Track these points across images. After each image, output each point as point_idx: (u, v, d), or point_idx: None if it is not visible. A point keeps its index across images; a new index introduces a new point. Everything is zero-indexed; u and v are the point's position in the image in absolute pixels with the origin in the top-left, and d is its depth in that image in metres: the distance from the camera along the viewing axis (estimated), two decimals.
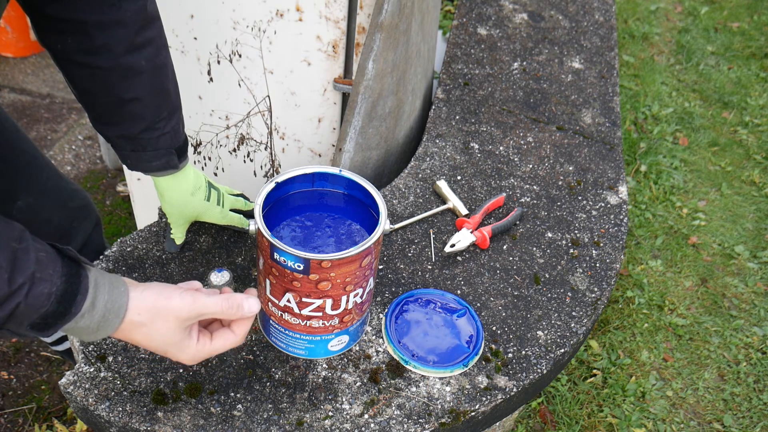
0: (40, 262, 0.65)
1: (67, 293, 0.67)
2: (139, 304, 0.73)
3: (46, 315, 0.66)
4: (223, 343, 0.81)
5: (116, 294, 0.72)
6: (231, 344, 0.81)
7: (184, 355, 0.79)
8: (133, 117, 0.92)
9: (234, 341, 0.82)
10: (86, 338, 0.73)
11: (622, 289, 2.13)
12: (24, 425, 1.62)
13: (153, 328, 0.74)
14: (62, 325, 0.68)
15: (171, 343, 0.77)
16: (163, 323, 0.75)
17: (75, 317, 0.68)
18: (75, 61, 0.87)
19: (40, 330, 0.67)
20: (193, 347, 0.79)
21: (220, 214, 1.07)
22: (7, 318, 0.64)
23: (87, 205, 1.35)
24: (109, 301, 0.71)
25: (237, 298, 0.78)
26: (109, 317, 0.71)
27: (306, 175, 0.95)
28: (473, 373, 1.01)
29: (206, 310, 0.77)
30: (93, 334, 0.71)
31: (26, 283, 0.63)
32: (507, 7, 1.93)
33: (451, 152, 1.41)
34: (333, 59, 1.32)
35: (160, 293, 0.75)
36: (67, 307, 0.67)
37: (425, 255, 1.18)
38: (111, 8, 0.83)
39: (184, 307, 0.75)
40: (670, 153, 2.72)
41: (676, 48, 3.43)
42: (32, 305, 0.64)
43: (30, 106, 2.59)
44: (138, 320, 0.73)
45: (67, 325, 0.68)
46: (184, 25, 1.36)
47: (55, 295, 0.65)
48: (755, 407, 1.86)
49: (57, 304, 0.66)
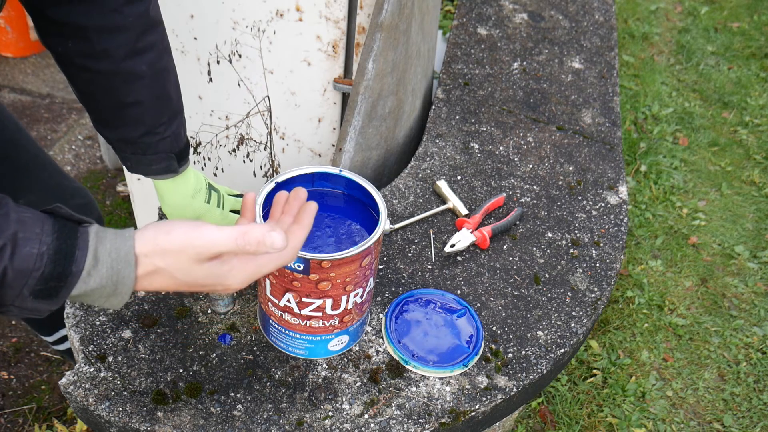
0: (23, 221, 0.59)
1: (62, 250, 0.60)
2: (142, 247, 0.63)
3: (44, 278, 0.59)
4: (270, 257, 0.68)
5: (120, 241, 0.63)
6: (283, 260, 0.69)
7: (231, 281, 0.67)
8: (133, 121, 0.92)
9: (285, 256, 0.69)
10: (111, 302, 0.65)
11: (622, 289, 2.13)
12: (24, 425, 1.62)
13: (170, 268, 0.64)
14: (69, 288, 0.61)
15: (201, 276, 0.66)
16: (176, 261, 0.64)
17: (80, 277, 0.61)
18: (76, 64, 0.87)
19: (45, 298, 0.61)
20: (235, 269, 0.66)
21: (220, 216, 1.07)
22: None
23: (89, 203, 1.36)
24: (113, 250, 0.62)
25: (255, 233, 0.63)
26: (119, 267, 0.62)
27: (306, 175, 0.95)
28: (473, 373, 1.01)
29: (217, 248, 0.64)
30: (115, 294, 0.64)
31: (7, 243, 0.57)
32: (507, 7, 1.93)
33: (451, 152, 1.41)
34: (333, 59, 1.32)
35: (159, 228, 0.65)
36: (66, 266, 0.60)
37: (425, 255, 1.18)
38: (113, 13, 0.82)
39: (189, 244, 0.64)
40: (670, 153, 2.72)
41: (676, 48, 3.43)
42: (21, 268, 0.58)
43: (30, 106, 2.59)
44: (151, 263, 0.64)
45: (77, 289, 0.61)
46: (184, 25, 1.36)
47: (47, 254, 0.59)
48: (755, 407, 1.86)
49: (52, 263, 0.59)
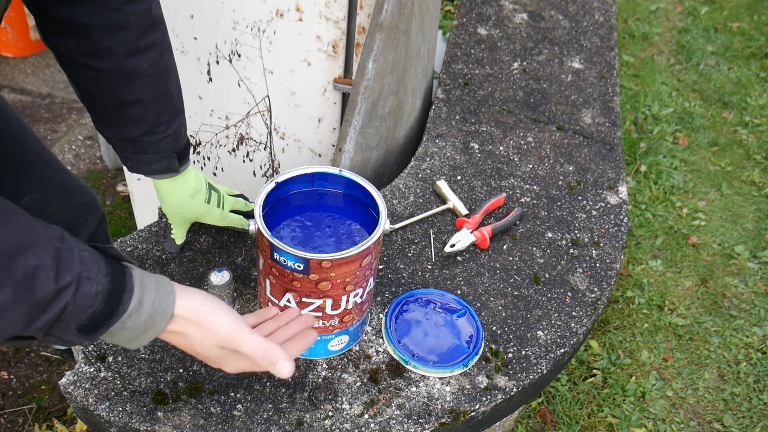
0: (84, 261, 0.63)
1: (114, 292, 0.65)
2: (184, 306, 0.71)
3: (94, 316, 0.64)
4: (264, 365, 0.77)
5: (163, 293, 0.69)
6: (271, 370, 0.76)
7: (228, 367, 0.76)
8: (134, 120, 0.92)
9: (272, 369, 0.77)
10: (133, 343, 0.70)
11: (622, 289, 2.13)
12: (24, 425, 1.62)
13: (195, 339, 0.72)
14: (110, 326, 0.66)
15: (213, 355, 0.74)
16: (203, 337, 0.72)
17: (122, 317, 0.66)
18: (78, 62, 0.87)
19: (87, 333, 0.65)
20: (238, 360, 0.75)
21: (220, 215, 1.07)
22: (55, 320, 0.62)
23: (92, 201, 1.36)
24: (156, 300, 0.68)
25: (275, 354, 0.72)
26: (156, 317, 0.69)
27: (306, 175, 0.95)
28: (473, 373, 1.01)
29: (242, 349, 0.72)
30: (140, 337, 0.69)
31: (73, 282, 0.61)
32: (507, 7, 1.93)
33: (451, 152, 1.41)
34: (333, 59, 1.32)
35: (205, 304, 0.72)
36: (115, 307, 0.65)
37: (425, 255, 1.18)
38: (115, 12, 0.82)
39: (222, 331, 0.72)
40: (670, 153, 2.72)
41: (676, 48, 3.43)
42: (80, 305, 0.62)
43: (30, 106, 2.59)
44: (183, 326, 0.71)
45: (114, 326, 0.66)
46: (184, 25, 1.36)
47: (101, 294, 0.64)
48: (755, 407, 1.86)
49: (104, 303, 0.64)
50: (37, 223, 0.63)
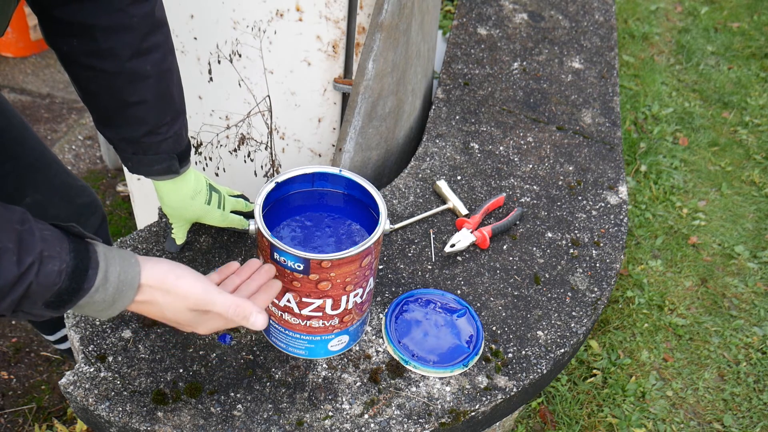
0: (46, 240, 0.65)
1: (78, 268, 0.67)
2: (150, 275, 0.73)
3: (60, 292, 0.66)
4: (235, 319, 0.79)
5: (127, 265, 0.71)
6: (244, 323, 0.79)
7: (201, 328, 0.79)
8: (136, 121, 0.92)
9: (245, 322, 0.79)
10: (103, 315, 0.72)
11: (622, 289, 2.13)
12: (24, 425, 1.62)
13: (165, 305, 0.74)
14: (77, 300, 0.68)
15: (185, 319, 0.76)
16: (173, 302, 0.74)
17: (89, 292, 0.68)
18: (80, 63, 0.87)
19: (55, 308, 0.67)
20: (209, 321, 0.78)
21: (220, 216, 1.07)
22: (20, 299, 0.64)
23: (93, 201, 1.36)
24: (122, 272, 0.70)
25: (246, 308, 0.76)
26: (123, 289, 0.71)
27: (306, 175, 0.95)
28: (473, 373, 1.01)
29: (213, 308, 0.75)
30: (109, 309, 0.71)
31: (35, 262, 0.63)
32: (507, 7, 1.93)
33: (451, 152, 1.42)
34: (333, 59, 1.32)
35: (171, 270, 0.74)
36: (80, 283, 0.67)
37: (425, 255, 1.18)
38: (118, 13, 0.82)
39: (192, 294, 0.74)
40: (670, 153, 2.72)
41: (676, 48, 3.43)
42: (44, 284, 0.64)
43: (30, 106, 2.59)
44: (151, 294, 0.73)
45: (82, 300, 0.68)
46: (184, 25, 1.36)
47: (65, 271, 0.66)
48: (755, 407, 1.86)
49: (69, 280, 0.66)
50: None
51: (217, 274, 0.85)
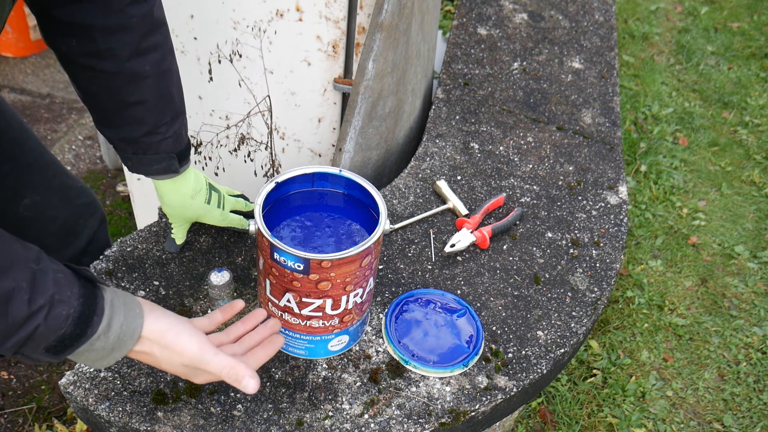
0: (59, 283, 0.64)
1: (84, 315, 0.66)
2: (151, 329, 0.73)
3: (63, 337, 0.65)
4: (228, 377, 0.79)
5: (131, 316, 0.71)
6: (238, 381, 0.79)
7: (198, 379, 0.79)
8: (135, 120, 0.92)
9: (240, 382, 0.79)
10: (99, 363, 0.71)
11: (622, 289, 2.13)
12: (24, 425, 1.62)
13: (161, 357, 0.75)
14: (77, 347, 0.67)
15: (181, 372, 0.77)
16: (169, 357, 0.75)
17: (90, 339, 0.67)
18: (79, 63, 0.87)
19: (55, 353, 0.66)
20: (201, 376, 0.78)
21: (220, 216, 1.07)
22: (25, 340, 0.63)
23: (92, 202, 1.36)
24: (125, 323, 0.70)
25: (239, 372, 0.75)
26: (124, 339, 0.70)
27: (306, 175, 0.95)
28: (473, 373, 1.01)
29: (207, 368, 0.75)
30: (107, 357, 0.71)
31: (46, 305, 0.63)
32: (507, 7, 1.93)
33: (451, 152, 1.41)
34: (333, 59, 1.32)
35: (171, 326, 0.75)
36: (84, 329, 0.66)
37: (425, 255, 1.18)
38: (117, 13, 0.82)
39: (188, 353, 0.74)
40: (670, 153, 2.72)
41: (676, 48, 3.43)
42: (51, 327, 0.64)
43: (30, 106, 2.59)
44: (149, 347, 0.73)
45: (82, 347, 0.68)
46: (184, 25, 1.36)
47: (72, 316, 0.65)
48: (755, 407, 1.86)
49: (74, 326, 0.65)
50: (16, 244, 0.64)
51: (220, 313, 0.84)
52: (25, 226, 1.20)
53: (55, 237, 1.27)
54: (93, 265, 1.08)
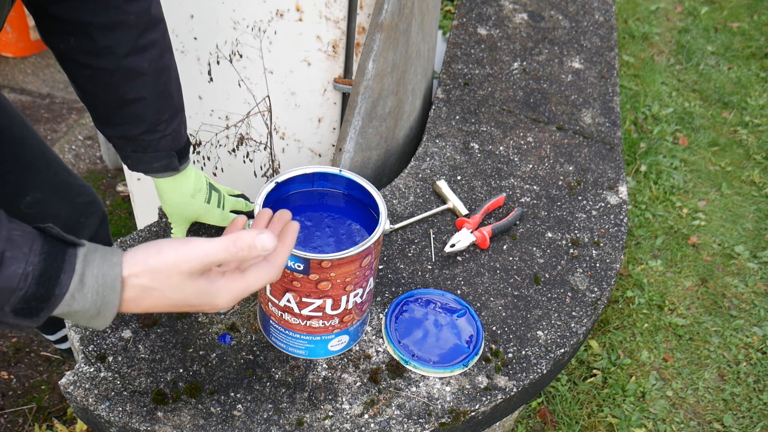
0: (12, 240, 0.59)
1: (47, 272, 0.60)
2: (132, 268, 0.64)
3: (27, 298, 0.60)
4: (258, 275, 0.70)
5: (107, 266, 0.63)
6: (269, 277, 0.70)
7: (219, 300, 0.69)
8: (134, 118, 0.92)
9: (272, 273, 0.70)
10: (96, 324, 0.65)
11: (622, 289, 2.13)
12: (24, 425, 1.62)
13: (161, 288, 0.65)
14: (50, 309, 0.61)
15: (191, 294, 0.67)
16: (167, 280, 0.65)
17: (63, 299, 0.61)
18: (77, 61, 0.87)
19: (26, 316, 0.61)
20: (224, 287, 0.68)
21: (220, 216, 1.07)
22: None
23: (94, 201, 1.36)
24: (100, 275, 0.62)
25: (245, 238, 0.65)
26: (105, 293, 0.63)
27: (306, 175, 0.95)
28: (473, 373, 1.01)
29: (210, 258, 0.65)
30: (98, 317, 0.64)
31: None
32: (507, 7, 1.93)
33: (451, 152, 1.41)
34: (333, 59, 1.32)
35: (148, 249, 0.66)
36: (50, 288, 0.60)
37: (425, 255, 1.18)
38: (115, 10, 0.82)
39: (181, 259, 0.65)
40: (670, 153, 2.72)
41: (676, 48, 3.43)
42: (5, 287, 0.58)
43: (30, 106, 2.59)
44: (140, 285, 0.65)
45: (60, 309, 0.62)
46: (184, 25, 1.36)
47: (32, 275, 0.59)
48: (755, 407, 1.86)
49: (36, 285, 0.59)
50: None
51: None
52: (26, 224, 1.20)
53: None
54: None
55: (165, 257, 0.65)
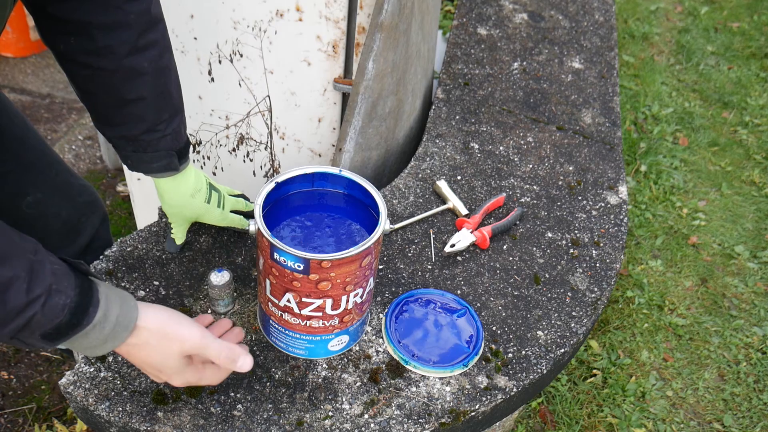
0: (56, 274, 0.67)
1: (81, 305, 0.69)
2: (149, 321, 0.76)
3: (60, 326, 0.68)
4: (212, 375, 0.84)
5: (127, 308, 0.74)
6: (218, 380, 0.85)
7: (178, 379, 0.81)
8: (134, 118, 0.92)
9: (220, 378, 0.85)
10: (91, 351, 0.74)
11: (622, 289, 2.13)
12: (24, 425, 1.62)
13: (157, 348, 0.77)
14: (73, 335, 0.70)
15: (169, 366, 0.79)
16: (167, 346, 0.77)
17: (86, 328, 0.70)
18: (78, 61, 0.87)
19: (50, 340, 0.69)
20: (188, 373, 0.81)
21: (220, 215, 1.07)
22: (22, 327, 0.66)
23: (95, 200, 1.36)
24: (121, 314, 0.73)
25: (236, 351, 0.80)
26: (118, 330, 0.73)
27: (306, 175, 0.95)
28: (473, 373, 1.01)
29: (207, 352, 0.79)
30: (99, 347, 0.73)
31: (43, 294, 0.65)
32: (507, 7, 1.93)
33: (451, 152, 1.41)
34: (333, 59, 1.32)
35: (171, 317, 0.78)
36: (80, 319, 0.69)
37: (425, 255, 1.18)
38: (115, 10, 0.83)
39: (190, 339, 0.78)
40: (670, 153, 2.72)
41: (676, 48, 3.43)
42: (48, 316, 0.66)
43: (30, 106, 2.59)
44: (145, 337, 0.75)
45: (77, 336, 0.70)
46: (184, 25, 1.36)
47: (69, 306, 0.67)
48: (755, 407, 1.86)
49: (71, 315, 0.68)
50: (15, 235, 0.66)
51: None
52: (27, 223, 1.20)
53: (57, 235, 1.27)
54: (93, 265, 1.08)
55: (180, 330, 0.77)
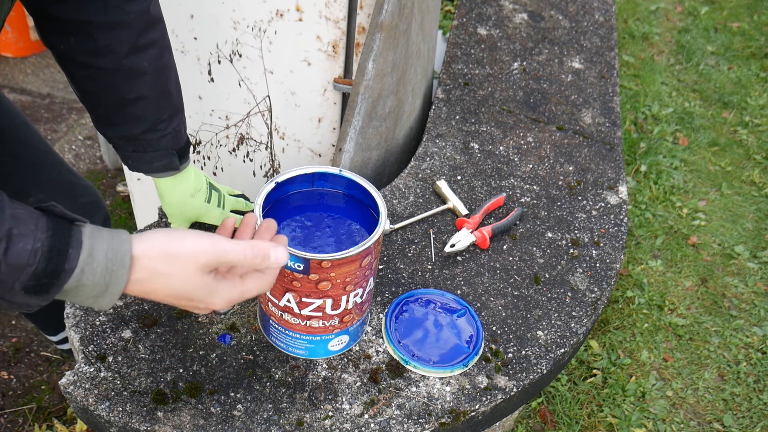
0: (17, 217, 0.60)
1: (56, 248, 0.61)
2: (147, 248, 0.65)
3: (37, 274, 0.60)
4: (255, 283, 0.72)
5: (117, 242, 0.64)
6: (265, 287, 0.73)
7: (217, 299, 0.70)
8: (134, 118, 0.92)
9: (267, 283, 0.74)
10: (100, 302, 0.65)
11: (622, 289, 2.13)
12: (24, 425, 1.62)
13: (171, 275, 0.66)
14: (61, 284, 0.62)
15: (197, 288, 0.68)
16: (181, 268, 0.66)
17: (73, 274, 0.62)
18: (77, 61, 0.87)
19: (37, 293, 0.61)
20: (225, 289, 0.70)
21: (220, 215, 1.07)
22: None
23: (97, 200, 1.36)
24: (110, 249, 0.63)
25: (263, 247, 0.69)
26: (114, 268, 0.63)
27: (306, 175, 0.95)
28: (473, 373, 1.01)
29: (227, 257, 0.68)
30: (105, 294, 0.64)
31: (2, 239, 0.58)
32: (507, 7, 1.93)
33: (451, 152, 1.41)
34: (333, 59, 1.32)
35: (171, 236, 0.67)
36: (59, 263, 0.61)
37: (425, 255, 1.18)
38: (114, 10, 0.83)
39: (201, 250, 0.66)
40: (670, 153, 2.72)
41: (676, 48, 3.43)
42: (15, 264, 0.59)
43: (30, 106, 2.59)
44: (151, 266, 0.65)
45: (68, 284, 0.62)
46: (184, 25, 1.36)
47: (41, 250, 0.60)
48: (755, 407, 1.86)
49: (46, 260, 0.60)
50: None
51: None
52: None
53: None
54: None
55: (185, 245, 0.66)
